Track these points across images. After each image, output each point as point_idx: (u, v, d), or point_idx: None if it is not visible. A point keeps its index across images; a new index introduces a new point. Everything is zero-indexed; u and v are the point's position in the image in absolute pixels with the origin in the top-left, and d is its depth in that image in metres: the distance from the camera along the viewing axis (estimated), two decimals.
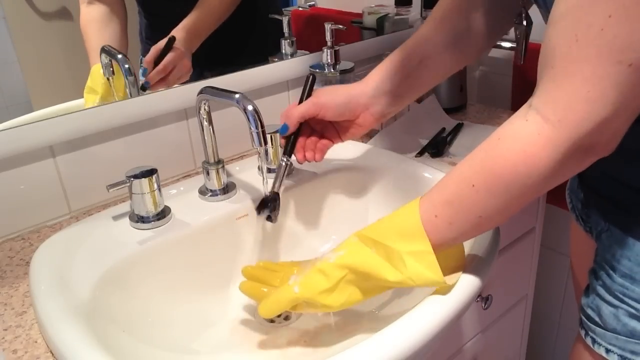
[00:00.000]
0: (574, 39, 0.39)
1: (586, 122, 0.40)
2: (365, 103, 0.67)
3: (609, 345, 0.54)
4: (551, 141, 0.42)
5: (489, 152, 0.46)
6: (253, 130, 0.60)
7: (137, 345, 0.57)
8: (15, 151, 0.68)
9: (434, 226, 0.49)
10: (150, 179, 0.66)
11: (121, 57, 0.77)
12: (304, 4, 1.00)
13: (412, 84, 0.68)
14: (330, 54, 0.91)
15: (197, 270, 0.68)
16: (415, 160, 0.85)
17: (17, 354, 0.52)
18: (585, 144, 0.42)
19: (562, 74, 0.41)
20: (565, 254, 1.21)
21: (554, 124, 0.42)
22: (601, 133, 0.41)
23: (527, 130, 0.43)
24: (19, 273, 0.64)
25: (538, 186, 0.45)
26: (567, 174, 0.45)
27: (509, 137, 0.45)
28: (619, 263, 0.53)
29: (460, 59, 0.69)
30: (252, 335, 0.66)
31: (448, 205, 0.49)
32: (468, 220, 0.49)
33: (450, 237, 0.50)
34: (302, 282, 0.55)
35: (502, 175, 0.45)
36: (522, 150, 0.43)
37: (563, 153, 0.42)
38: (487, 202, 0.47)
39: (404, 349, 0.47)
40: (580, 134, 0.41)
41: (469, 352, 0.92)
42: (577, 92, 0.40)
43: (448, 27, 0.66)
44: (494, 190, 0.46)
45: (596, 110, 0.40)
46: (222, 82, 0.82)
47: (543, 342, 1.34)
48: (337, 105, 0.66)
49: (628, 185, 0.54)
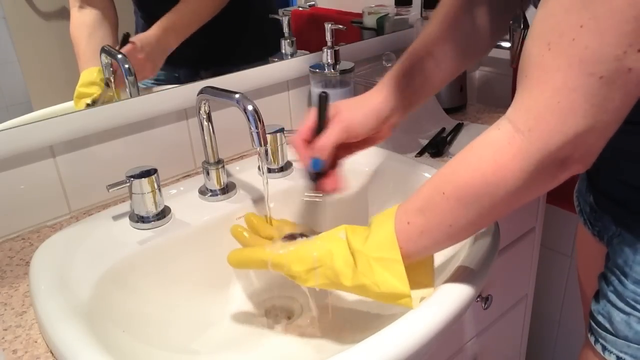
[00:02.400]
0: (547, 48, 0.39)
1: (557, 134, 0.39)
2: (387, 116, 0.64)
3: (621, 353, 0.53)
4: (521, 151, 0.41)
5: (461, 161, 0.46)
6: (253, 130, 0.60)
7: (136, 345, 0.57)
8: (15, 151, 0.68)
9: (406, 234, 0.49)
10: (150, 179, 0.66)
11: (121, 57, 0.77)
12: (304, 4, 1.00)
13: (422, 91, 0.67)
14: (330, 54, 0.91)
15: (197, 270, 0.68)
16: (415, 160, 0.85)
17: (17, 354, 0.52)
18: (558, 158, 0.41)
19: (534, 83, 0.40)
20: (566, 254, 1.21)
21: (524, 133, 0.41)
22: (574, 147, 0.40)
23: (498, 140, 0.43)
24: (19, 273, 0.64)
25: (509, 198, 0.44)
26: (539, 188, 0.44)
27: (480, 146, 0.44)
28: (631, 269, 0.52)
29: (466, 59, 0.68)
30: (252, 335, 0.66)
31: (420, 213, 0.48)
32: (439, 229, 0.48)
33: (422, 246, 0.49)
34: (280, 255, 0.55)
35: (472, 185, 0.44)
36: (492, 160, 0.43)
37: (534, 165, 0.41)
38: (457, 211, 0.46)
39: (404, 349, 0.47)
40: (551, 146, 0.40)
41: (469, 352, 0.92)
42: (548, 102, 0.39)
43: (453, 30, 0.65)
44: (464, 200, 0.45)
45: (567, 122, 0.39)
46: (222, 82, 0.82)
47: (543, 342, 1.34)
48: (367, 127, 0.63)
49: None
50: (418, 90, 0.66)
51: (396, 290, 0.49)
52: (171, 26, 0.81)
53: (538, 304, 1.20)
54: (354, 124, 0.62)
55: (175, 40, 0.82)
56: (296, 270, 0.54)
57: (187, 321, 0.65)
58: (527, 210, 0.98)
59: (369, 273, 0.50)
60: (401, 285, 0.49)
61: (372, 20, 1.06)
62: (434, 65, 0.65)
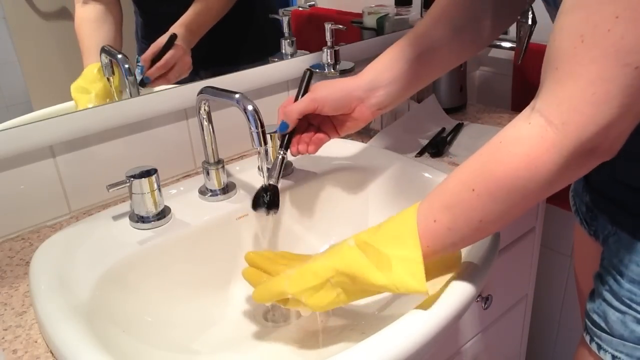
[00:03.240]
0: (580, 39, 0.38)
1: (591, 126, 0.40)
2: (360, 96, 0.66)
3: (616, 352, 0.53)
4: (555, 145, 0.41)
5: (490, 156, 0.45)
6: (253, 130, 0.61)
7: (137, 345, 0.57)
8: (15, 151, 0.68)
9: (432, 232, 0.48)
10: (150, 179, 0.66)
11: (121, 57, 0.77)
12: (304, 4, 1.00)
13: (412, 78, 0.67)
14: (330, 54, 0.91)
15: (197, 270, 0.68)
16: (415, 160, 0.85)
17: (17, 354, 0.52)
18: (589, 147, 0.41)
19: (567, 76, 0.40)
20: (566, 254, 1.21)
21: (557, 127, 0.41)
22: (606, 136, 0.40)
23: (530, 134, 0.42)
24: (19, 273, 0.64)
25: (540, 191, 0.44)
26: (570, 178, 0.44)
27: (511, 141, 0.44)
28: (627, 268, 0.52)
29: (462, 52, 0.68)
30: (252, 335, 0.66)
31: (447, 210, 0.48)
32: (468, 225, 0.47)
33: (450, 243, 0.49)
34: (293, 276, 0.54)
35: (504, 180, 0.44)
36: (525, 154, 0.42)
37: (566, 157, 0.41)
38: (488, 207, 0.46)
39: (404, 349, 0.47)
40: (585, 138, 0.40)
41: (469, 352, 0.92)
42: (582, 95, 0.39)
43: (448, 20, 0.65)
44: (496, 195, 0.45)
45: (601, 113, 0.39)
46: (222, 82, 0.82)
47: (543, 342, 1.34)
48: (334, 100, 0.66)
49: (637, 189, 0.53)
50: (401, 77, 0.66)
51: (414, 290, 0.49)
52: (192, 25, 0.82)
53: (538, 304, 1.20)
54: (322, 97, 0.66)
55: (196, 39, 0.83)
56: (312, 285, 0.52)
57: (187, 321, 0.65)
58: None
59: (387, 273, 0.49)
60: (418, 285, 0.48)
61: (372, 20, 1.06)
62: (423, 55, 0.66)
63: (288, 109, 0.66)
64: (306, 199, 0.78)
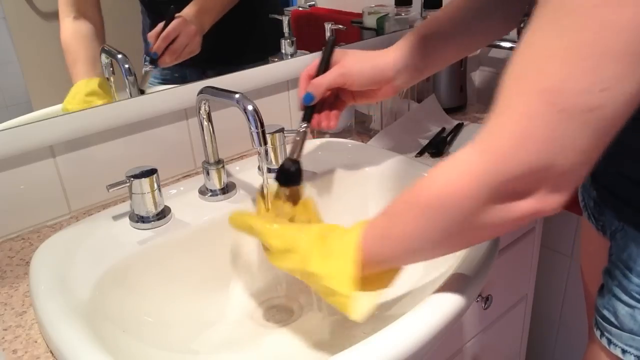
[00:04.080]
0: (518, 74, 0.39)
1: (512, 160, 0.39)
2: (390, 76, 0.67)
3: (626, 346, 0.53)
4: (476, 171, 0.41)
5: (429, 173, 0.46)
6: (253, 130, 0.61)
7: (137, 345, 0.57)
8: (15, 151, 0.68)
9: (370, 238, 0.49)
10: (150, 179, 0.66)
11: (121, 57, 0.77)
12: (304, 4, 1.00)
13: (432, 61, 0.68)
14: None
15: (197, 270, 0.68)
16: (415, 160, 0.85)
17: (17, 354, 0.52)
18: (513, 189, 0.40)
19: (500, 106, 0.40)
20: (566, 254, 1.21)
21: (481, 154, 0.40)
22: (534, 182, 0.39)
23: (461, 158, 0.43)
24: (19, 273, 0.64)
25: (463, 221, 0.43)
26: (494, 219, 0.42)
27: (447, 162, 0.44)
28: (635, 263, 0.52)
29: (479, 39, 0.69)
30: (252, 335, 0.66)
31: (386, 218, 0.49)
32: (397, 237, 0.48)
33: (382, 253, 0.49)
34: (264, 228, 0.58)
35: (430, 196, 0.44)
36: (449, 177, 0.43)
37: (487, 189, 0.40)
38: (414, 221, 0.46)
39: (404, 349, 0.47)
40: (506, 173, 0.39)
41: (469, 352, 0.92)
42: (508, 127, 0.39)
43: (469, 7, 0.66)
44: (421, 210, 0.45)
45: (523, 149, 0.38)
46: (222, 82, 0.82)
47: (543, 342, 1.34)
48: (365, 78, 0.66)
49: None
50: (424, 59, 0.67)
51: (338, 288, 0.50)
52: (203, 7, 0.82)
53: (538, 304, 1.20)
54: (352, 73, 0.65)
55: (209, 20, 0.83)
56: (272, 245, 0.56)
57: (187, 321, 0.65)
58: None
59: (323, 265, 0.51)
60: (343, 283, 0.49)
61: (372, 20, 1.06)
62: (445, 39, 0.66)
63: (316, 82, 0.65)
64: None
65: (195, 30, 0.81)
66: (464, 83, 1.12)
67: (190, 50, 0.82)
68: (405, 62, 0.67)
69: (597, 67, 0.35)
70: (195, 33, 0.81)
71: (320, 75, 0.66)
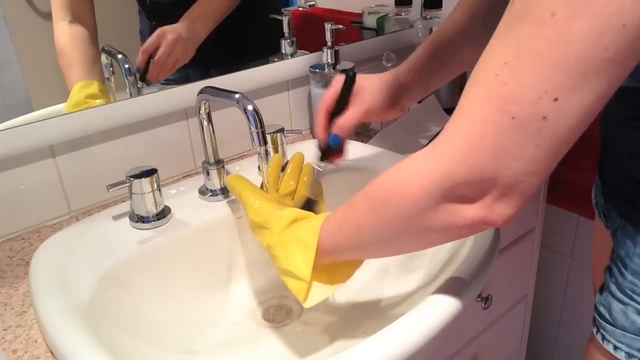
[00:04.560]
0: (476, 79, 0.39)
1: (462, 164, 0.39)
2: (406, 103, 0.69)
3: (617, 343, 0.54)
4: (429, 171, 0.41)
5: (390, 168, 0.46)
6: (253, 130, 0.61)
7: (136, 345, 0.57)
8: (15, 151, 0.68)
9: (328, 225, 0.51)
10: (150, 179, 0.66)
11: (121, 57, 0.77)
12: (304, 4, 1.00)
13: (441, 76, 0.69)
14: (330, 54, 0.91)
15: (197, 270, 0.68)
16: None
17: (17, 354, 0.52)
18: (462, 194, 0.40)
19: (458, 111, 0.40)
20: (566, 254, 1.21)
21: (435, 154, 0.41)
22: (481, 189, 0.39)
23: (418, 156, 0.43)
24: (19, 273, 0.64)
25: (410, 217, 0.43)
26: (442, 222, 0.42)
27: (407, 159, 0.45)
28: (630, 260, 0.53)
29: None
30: (252, 335, 0.66)
31: (344, 208, 0.50)
32: (351, 227, 0.48)
33: (336, 242, 0.50)
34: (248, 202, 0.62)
35: (383, 190, 0.45)
36: (404, 171, 0.43)
37: (438, 190, 0.40)
38: (366, 212, 0.47)
39: (404, 349, 0.47)
40: (455, 176, 0.39)
41: (469, 352, 0.92)
42: (461, 131, 0.39)
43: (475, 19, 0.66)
44: (373, 202, 0.46)
45: (474, 155, 0.38)
46: (222, 82, 0.82)
47: (543, 342, 1.34)
48: (386, 110, 0.67)
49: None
50: (439, 74, 0.68)
51: (296, 271, 0.51)
52: (195, 16, 0.82)
53: (538, 304, 1.20)
54: (376, 108, 0.66)
55: (203, 28, 0.83)
56: (250, 219, 0.61)
57: (187, 321, 0.65)
58: (527, 210, 0.98)
59: (285, 247, 0.53)
60: (304, 269, 0.51)
61: (372, 20, 1.06)
62: (456, 52, 0.67)
63: (342, 124, 0.65)
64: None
65: (176, 39, 0.80)
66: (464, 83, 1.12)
67: (175, 59, 0.81)
68: (418, 83, 0.68)
69: (549, 77, 0.35)
70: (175, 42, 0.80)
71: (345, 116, 0.65)
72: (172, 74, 0.83)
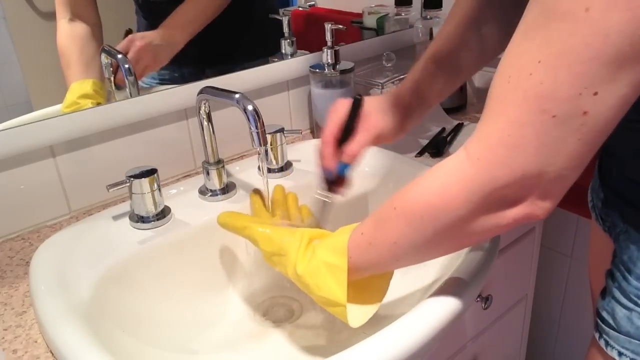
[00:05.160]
0: (507, 80, 0.38)
1: (504, 167, 0.39)
2: (410, 124, 0.67)
3: (622, 349, 0.54)
4: (467, 179, 0.40)
5: (418, 180, 0.46)
6: (253, 130, 0.61)
7: (136, 345, 0.57)
8: (15, 151, 0.68)
9: (357, 244, 0.49)
10: (150, 179, 0.66)
11: (121, 57, 0.77)
12: (304, 4, 1.00)
13: (443, 94, 0.68)
14: (330, 54, 0.91)
15: (197, 270, 0.68)
16: (415, 160, 0.85)
17: (17, 354, 0.52)
18: (504, 196, 0.40)
19: (490, 113, 0.40)
20: (566, 254, 1.21)
21: (473, 162, 0.40)
22: (523, 188, 0.39)
23: (451, 164, 0.42)
24: (19, 273, 0.64)
25: (452, 228, 0.43)
26: (484, 225, 0.42)
27: (437, 169, 0.44)
28: (635, 266, 0.52)
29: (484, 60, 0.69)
30: (252, 335, 0.66)
31: (373, 224, 0.49)
32: (384, 244, 0.48)
33: (368, 260, 0.49)
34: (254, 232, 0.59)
35: (418, 204, 0.44)
36: (440, 183, 0.43)
37: (478, 196, 0.40)
38: (402, 229, 0.46)
39: (404, 349, 0.47)
40: (497, 180, 0.39)
41: (469, 352, 0.92)
42: (499, 134, 0.39)
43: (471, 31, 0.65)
44: (409, 218, 0.45)
45: (515, 157, 0.38)
46: (222, 82, 0.82)
47: (543, 342, 1.34)
48: (394, 133, 0.66)
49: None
50: (442, 92, 0.67)
51: (332, 297, 0.50)
52: (174, 23, 0.81)
53: (538, 304, 1.20)
54: (385, 133, 0.64)
55: (182, 36, 0.82)
56: (262, 249, 0.58)
57: (187, 321, 0.65)
58: None
59: (315, 274, 0.51)
60: (339, 292, 0.50)
61: (372, 20, 1.06)
62: (459, 66, 0.66)
63: (351, 151, 0.62)
64: (306, 199, 0.78)
65: (144, 46, 0.78)
66: (464, 83, 1.12)
67: (143, 65, 0.79)
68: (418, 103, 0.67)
69: (587, 72, 0.35)
70: (143, 49, 0.78)
71: (355, 143, 0.62)
72: (169, 74, 0.83)
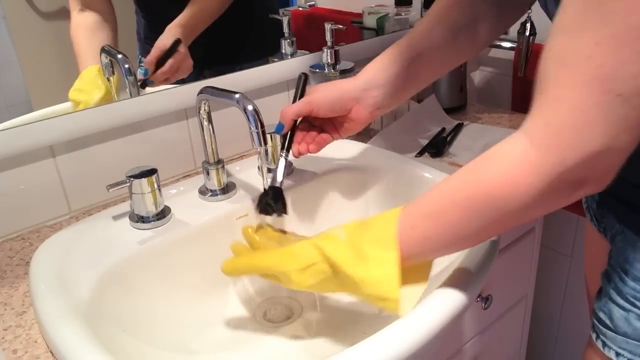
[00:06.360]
0: (563, 64, 0.38)
1: (574, 151, 0.39)
2: (356, 97, 0.66)
3: (619, 349, 0.54)
4: (535, 167, 0.40)
5: (473, 170, 0.45)
6: (253, 130, 0.61)
7: (136, 345, 0.57)
8: (15, 151, 0.68)
9: (408, 237, 0.49)
10: (150, 179, 0.66)
11: (121, 57, 0.77)
12: (304, 4, 1.00)
13: (409, 78, 0.67)
14: (330, 54, 0.91)
15: (197, 270, 0.68)
16: (415, 160, 0.85)
17: (17, 354, 0.52)
18: (574, 178, 0.40)
19: (552, 99, 0.40)
20: (566, 254, 1.21)
21: (539, 149, 0.40)
22: (591, 167, 0.40)
23: (513, 153, 0.42)
24: (19, 273, 0.64)
25: (517, 213, 0.43)
26: (551, 205, 0.43)
27: (495, 157, 0.44)
28: (631, 266, 0.53)
29: (459, 54, 0.68)
30: (252, 335, 0.66)
31: (427, 218, 0.48)
32: (444, 236, 0.48)
33: (423, 251, 0.49)
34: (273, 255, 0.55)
35: (482, 196, 0.44)
36: (505, 173, 0.42)
37: (547, 182, 0.40)
38: (464, 221, 0.46)
39: (404, 349, 0.47)
40: (567, 164, 0.39)
41: (469, 352, 0.92)
42: (565, 119, 0.39)
43: (447, 21, 0.65)
44: (472, 210, 0.45)
45: (584, 139, 0.38)
46: (222, 82, 0.82)
47: (543, 342, 1.34)
48: (330, 101, 0.66)
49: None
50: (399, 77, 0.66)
51: (385, 294, 0.49)
52: (188, 25, 0.82)
53: (538, 304, 1.20)
54: (318, 99, 0.66)
55: (191, 38, 0.83)
56: (289, 270, 0.53)
57: (187, 321, 0.65)
58: None
59: (364, 271, 0.50)
60: (391, 289, 0.49)
61: (372, 20, 1.06)
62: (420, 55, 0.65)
63: (283, 110, 0.66)
64: (306, 199, 0.78)
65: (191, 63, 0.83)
66: (464, 83, 1.12)
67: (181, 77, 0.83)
68: (376, 82, 0.66)
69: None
70: (191, 67, 0.83)
71: (289, 106, 0.67)
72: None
